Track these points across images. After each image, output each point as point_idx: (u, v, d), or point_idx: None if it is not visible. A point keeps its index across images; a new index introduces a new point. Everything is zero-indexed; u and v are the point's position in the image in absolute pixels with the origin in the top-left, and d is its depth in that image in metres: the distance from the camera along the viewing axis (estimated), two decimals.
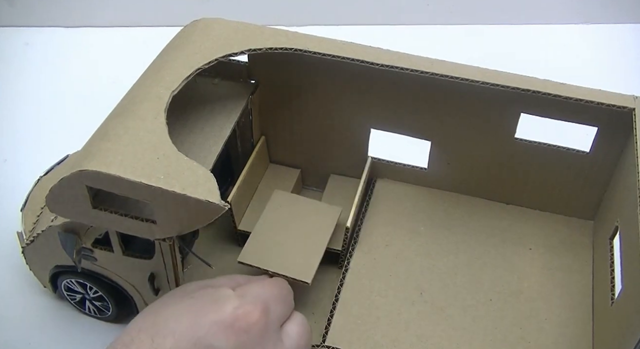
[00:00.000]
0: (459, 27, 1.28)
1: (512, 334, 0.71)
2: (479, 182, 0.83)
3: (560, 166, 0.78)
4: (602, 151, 0.75)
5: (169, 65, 0.70)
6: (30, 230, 0.76)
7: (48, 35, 1.25)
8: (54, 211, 0.65)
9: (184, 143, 0.72)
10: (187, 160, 0.60)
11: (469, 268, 0.77)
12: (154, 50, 0.75)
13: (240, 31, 0.75)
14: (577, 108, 0.71)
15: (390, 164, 0.85)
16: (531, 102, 0.72)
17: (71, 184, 0.61)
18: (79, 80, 1.15)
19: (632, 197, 0.64)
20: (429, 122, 0.79)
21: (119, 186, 0.59)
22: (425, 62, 0.73)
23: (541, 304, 0.73)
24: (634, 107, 0.70)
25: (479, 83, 0.71)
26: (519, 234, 0.81)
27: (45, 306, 0.82)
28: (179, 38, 0.75)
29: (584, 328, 0.71)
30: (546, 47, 1.24)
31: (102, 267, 0.73)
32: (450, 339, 0.70)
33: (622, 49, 1.24)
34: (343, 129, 0.83)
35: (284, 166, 0.89)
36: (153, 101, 0.66)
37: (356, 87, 0.78)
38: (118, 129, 0.63)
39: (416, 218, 0.82)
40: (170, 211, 0.60)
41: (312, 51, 0.73)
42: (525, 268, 0.77)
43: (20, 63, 1.20)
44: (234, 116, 0.76)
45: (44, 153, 0.89)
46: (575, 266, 0.77)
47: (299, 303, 0.75)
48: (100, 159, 0.60)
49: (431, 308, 0.73)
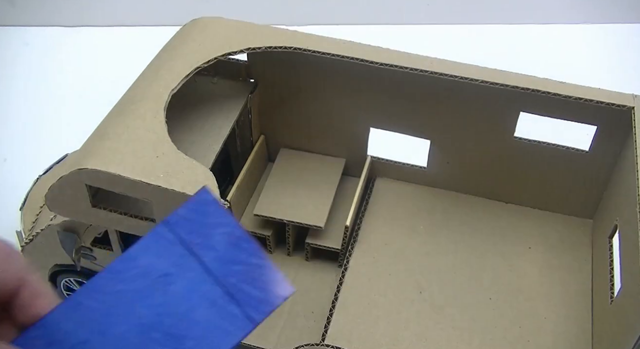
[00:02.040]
0: (459, 27, 1.28)
1: (512, 332, 0.71)
2: (479, 181, 0.83)
3: (559, 165, 0.78)
4: (602, 149, 0.75)
5: (168, 64, 0.70)
6: (30, 229, 0.76)
7: (48, 35, 1.25)
8: (53, 209, 0.66)
9: (183, 142, 0.72)
10: (186, 159, 0.61)
11: (469, 267, 0.77)
12: (153, 50, 0.75)
13: (239, 30, 0.75)
14: (577, 107, 0.71)
15: (390, 163, 0.85)
16: (531, 101, 0.72)
17: (70, 183, 0.61)
18: (79, 80, 1.15)
19: (632, 196, 0.64)
20: (429, 121, 0.79)
21: (119, 185, 0.59)
22: (424, 61, 0.73)
23: (540, 303, 0.73)
24: (634, 106, 0.70)
25: (479, 82, 0.71)
26: (518, 233, 0.80)
27: None
28: (178, 37, 0.75)
29: (584, 327, 0.71)
30: (546, 47, 1.24)
31: (101, 266, 0.73)
32: (450, 338, 0.70)
33: (622, 48, 1.24)
34: (342, 128, 0.83)
35: None
36: (152, 100, 0.66)
37: (356, 86, 0.78)
38: (117, 127, 0.63)
39: (415, 217, 0.82)
40: (170, 210, 0.60)
41: (312, 50, 0.73)
42: (524, 266, 0.77)
43: (20, 63, 1.20)
44: (233, 115, 0.76)
45: (43, 152, 0.89)
46: (574, 264, 0.77)
47: (299, 301, 0.75)
48: (100, 157, 0.60)
49: (430, 307, 0.73)
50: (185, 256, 0.43)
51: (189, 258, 0.44)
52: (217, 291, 0.43)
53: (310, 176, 0.84)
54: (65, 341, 0.41)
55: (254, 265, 0.43)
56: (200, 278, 0.43)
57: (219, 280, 0.43)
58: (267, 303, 0.42)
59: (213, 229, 0.44)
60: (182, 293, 0.43)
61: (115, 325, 0.42)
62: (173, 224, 0.44)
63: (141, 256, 0.43)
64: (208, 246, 0.44)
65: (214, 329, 0.42)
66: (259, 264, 0.43)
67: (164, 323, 0.42)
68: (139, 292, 0.42)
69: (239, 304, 0.42)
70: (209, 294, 0.42)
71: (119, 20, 1.27)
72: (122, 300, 0.42)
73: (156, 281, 0.43)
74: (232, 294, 0.43)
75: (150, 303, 0.42)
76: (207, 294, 0.42)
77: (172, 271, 0.43)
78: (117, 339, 0.41)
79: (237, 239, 0.44)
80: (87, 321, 0.41)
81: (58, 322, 0.41)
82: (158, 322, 0.42)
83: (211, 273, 0.43)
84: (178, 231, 0.44)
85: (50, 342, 0.41)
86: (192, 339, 0.42)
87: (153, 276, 0.43)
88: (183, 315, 0.42)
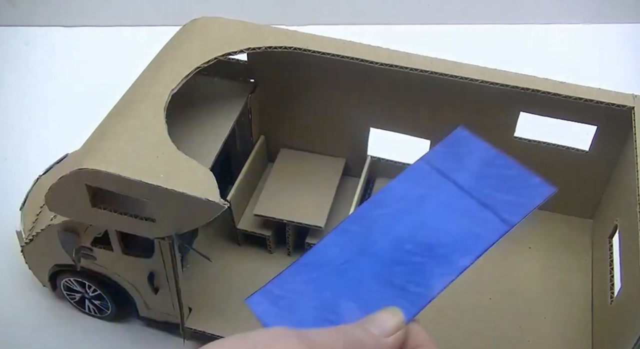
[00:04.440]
0: (459, 27, 1.28)
1: (512, 332, 0.71)
2: None
3: (559, 165, 0.78)
4: (602, 149, 0.75)
5: (168, 64, 0.70)
6: (30, 229, 0.76)
7: (48, 35, 1.25)
8: (53, 209, 0.66)
9: (183, 142, 0.72)
10: (186, 159, 0.60)
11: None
12: (153, 50, 0.75)
13: (239, 30, 0.75)
14: (577, 107, 0.71)
15: (390, 163, 0.85)
16: (531, 101, 0.72)
17: (70, 182, 0.61)
18: (78, 79, 1.15)
19: (632, 196, 0.64)
20: (428, 121, 0.79)
21: (118, 185, 0.59)
22: (424, 61, 0.73)
23: (541, 303, 0.73)
24: (633, 106, 0.70)
25: (479, 82, 0.71)
26: (518, 233, 0.80)
27: (45, 305, 0.82)
28: (178, 37, 0.75)
29: (584, 327, 0.71)
30: (546, 47, 1.24)
31: (101, 266, 0.73)
32: (450, 339, 0.70)
33: (622, 48, 1.24)
34: (342, 128, 0.83)
35: None
36: (152, 100, 0.66)
37: (355, 86, 0.78)
38: (117, 127, 0.63)
39: None
40: (170, 210, 0.60)
41: (312, 50, 0.73)
42: (524, 266, 0.77)
43: (20, 63, 1.20)
44: (233, 115, 0.76)
45: (43, 152, 0.89)
46: (574, 264, 0.77)
47: None
48: (100, 157, 0.60)
49: (430, 307, 0.73)
50: (440, 180, 0.47)
51: (443, 181, 0.47)
52: (470, 202, 0.46)
53: (310, 176, 0.84)
54: (330, 264, 0.45)
55: (509, 176, 0.46)
56: (454, 194, 0.47)
57: (473, 194, 0.46)
58: (523, 205, 0.45)
59: (467, 155, 0.48)
60: (435, 208, 0.46)
61: (373, 244, 0.46)
62: (429, 158, 0.49)
63: (399, 186, 0.48)
64: (462, 168, 0.48)
65: (466, 235, 0.45)
66: (514, 174, 0.46)
67: (416, 235, 0.45)
68: (396, 213, 0.47)
69: (493, 210, 0.45)
70: (462, 206, 0.46)
71: (119, 20, 1.27)
72: (380, 222, 0.46)
73: (412, 202, 0.47)
74: (485, 203, 0.45)
75: (405, 220, 0.46)
76: (460, 206, 0.46)
77: (427, 193, 0.47)
78: (373, 256, 0.45)
79: (492, 158, 0.48)
80: (349, 243, 0.46)
81: (325, 249, 0.46)
82: (411, 235, 0.45)
83: (464, 189, 0.47)
84: (433, 163, 0.48)
85: (317, 266, 0.45)
86: (444, 247, 0.45)
87: (409, 199, 0.47)
88: (435, 226, 0.45)
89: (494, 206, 0.45)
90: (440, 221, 0.46)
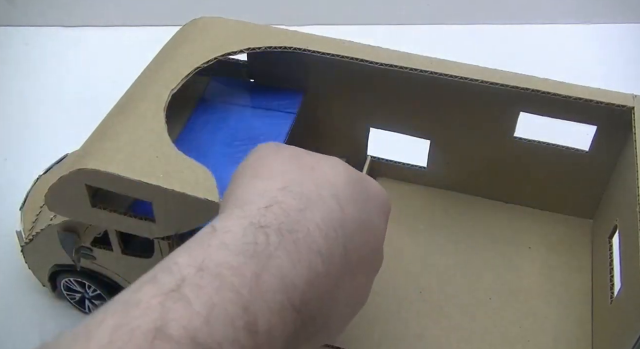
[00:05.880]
0: (459, 27, 1.28)
1: (512, 332, 0.71)
2: (478, 181, 0.83)
3: (559, 165, 0.78)
4: (601, 149, 0.75)
5: (168, 64, 0.70)
6: (30, 229, 0.76)
7: (48, 35, 1.25)
8: (53, 209, 0.66)
9: None
10: (186, 159, 0.61)
11: (468, 267, 0.77)
12: (153, 50, 0.75)
13: (239, 30, 0.75)
14: (576, 107, 0.71)
15: (390, 163, 0.85)
16: (530, 100, 0.72)
17: (70, 182, 0.61)
18: (78, 80, 1.15)
19: (631, 196, 0.64)
20: (428, 121, 0.79)
21: (118, 185, 0.59)
22: (424, 61, 0.73)
23: (540, 303, 0.73)
24: (633, 106, 0.70)
25: (478, 82, 0.71)
26: (518, 232, 0.80)
27: (45, 305, 0.82)
28: (178, 37, 0.75)
29: (583, 327, 0.71)
30: (546, 47, 1.24)
31: (101, 266, 0.73)
32: (450, 338, 0.70)
33: (622, 48, 1.24)
34: (342, 128, 0.83)
35: None
36: (152, 100, 0.66)
37: (355, 86, 0.78)
38: (117, 127, 0.63)
39: (415, 217, 0.82)
40: (170, 210, 0.60)
41: (312, 50, 0.73)
42: (524, 266, 0.77)
43: (20, 63, 1.20)
44: None
45: (43, 152, 0.89)
46: (574, 264, 0.77)
47: None
48: (99, 157, 0.60)
49: (430, 307, 0.73)
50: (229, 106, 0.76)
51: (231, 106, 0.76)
52: (258, 111, 0.75)
53: None
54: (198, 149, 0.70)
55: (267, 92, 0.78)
56: (243, 110, 0.75)
57: (256, 106, 0.75)
58: (290, 104, 0.75)
59: (235, 87, 0.80)
60: (239, 120, 0.72)
61: (211, 146, 0.69)
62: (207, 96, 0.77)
63: (200, 118, 0.75)
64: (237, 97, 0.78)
65: (272, 127, 0.73)
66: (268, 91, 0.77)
67: (237, 136, 0.70)
68: (214, 130, 0.71)
69: (277, 109, 0.75)
70: (255, 114, 0.74)
71: (119, 20, 1.27)
72: (205, 138, 0.71)
73: (217, 122, 0.73)
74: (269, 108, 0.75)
75: (220, 132, 0.71)
76: (254, 114, 0.74)
77: (225, 116, 0.74)
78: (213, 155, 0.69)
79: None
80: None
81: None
82: (233, 137, 0.71)
83: (248, 106, 0.76)
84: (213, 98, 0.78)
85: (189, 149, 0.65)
86: (262, 135, 0.71)
87: (213, 122, 0.73)
88: (248, 127, 0.71)
89: (277, 107, 0.74)
90: (249, 124, 0.70)
